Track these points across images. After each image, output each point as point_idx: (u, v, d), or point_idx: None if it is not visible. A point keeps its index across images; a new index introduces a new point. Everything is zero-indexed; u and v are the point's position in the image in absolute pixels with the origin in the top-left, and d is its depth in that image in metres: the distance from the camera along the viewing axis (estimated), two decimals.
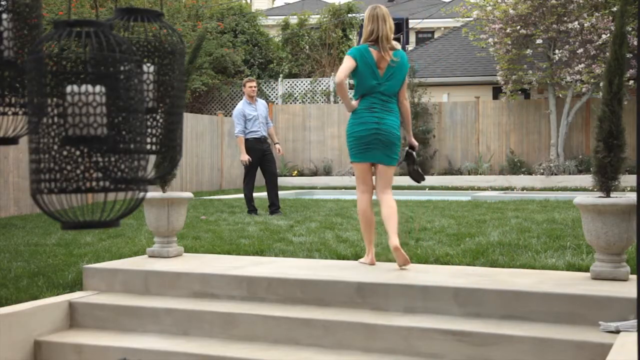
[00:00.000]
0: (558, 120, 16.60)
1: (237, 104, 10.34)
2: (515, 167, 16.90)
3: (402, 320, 4.16)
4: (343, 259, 5.48)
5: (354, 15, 22.97)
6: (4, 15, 1.60)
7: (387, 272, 4.79)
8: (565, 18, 15.52)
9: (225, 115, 18.15)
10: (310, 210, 9.58)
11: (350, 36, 23.29)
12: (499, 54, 16.58)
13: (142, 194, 1.54)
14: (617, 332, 3.70)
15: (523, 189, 15.54)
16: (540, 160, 16.94)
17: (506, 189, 15.69)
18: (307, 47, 22.78)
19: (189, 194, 5.80)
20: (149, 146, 1.68)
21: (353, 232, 6.86)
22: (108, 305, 4.81)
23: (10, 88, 1.64)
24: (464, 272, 4.75)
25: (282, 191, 13.20)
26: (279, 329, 4.33)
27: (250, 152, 9.46)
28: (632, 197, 4.48)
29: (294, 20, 23.87)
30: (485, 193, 13.95)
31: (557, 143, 16.55)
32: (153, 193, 5.65)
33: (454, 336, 3.93)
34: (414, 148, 5.49)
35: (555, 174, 16.00)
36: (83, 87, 1.45)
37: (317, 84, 21.11)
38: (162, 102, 1.70)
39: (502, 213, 8.58)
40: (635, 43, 12.98)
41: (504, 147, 17.73)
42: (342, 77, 5.04)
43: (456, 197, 12.77)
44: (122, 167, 1.50)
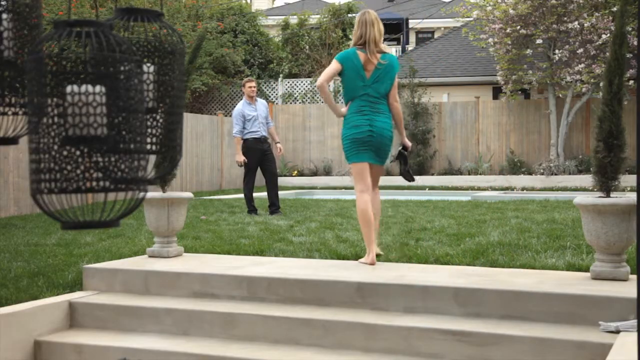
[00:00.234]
0: (558, 120, 16.61)
1: (237, 104, 10.34)
2: (515, 167, 16.90)
3: (402, 320, 4.16)
4: (343, 259, 5.48)
5: (354, 15, 22.98)
6: (4, 15, 1.60)
7: (387, 272, 4.79)
8: (565, 18, 15.52)
9: (225, 115, 18.15)
10: (310, 210, 9.58)
11: (350, 36, 23.29)
12: (499, 54, 16.58)
13: (142, 194, 1.54)
14: (617, 332, 3.70)
15: (523, 189, 15.54)
16: (540, 160, 16.94)
17: (506, 189, 15.69)
18: (307, 47, 22.79)
19: (189, 194, 5.80)
20: (149, 146, 1.68)
21: (353, 232, 6.86)
22: (108, 305, 4.81)
23: (10, 88, 1.64)
24: (464, 272, 4.75)
25: (282, 191, 13.20)
26: (279, 329, 4.33)
27: (250, 152, 9.46)
28: (632, 197, 4.48)
29: (294, 20, 23.88)
30: (485, 193, 13.95)
31: (557, 143, 16.55)
32: (153, 193, 5.65)
33: (454, 336, 3.93)
34: (407, 149, 5.59)
35: (555, 174, 16.00)
36: (83, 87, 1.45)
37: None
38: (162, 102, 1.70)
39: (502, 213, 8.58)
40: (635, 43, 12.98)
41: (504, 147, 17.74)
42: (322, 80, 5.23)
43: (456, 197, 12.77)
44: (122, 167, 1.50)
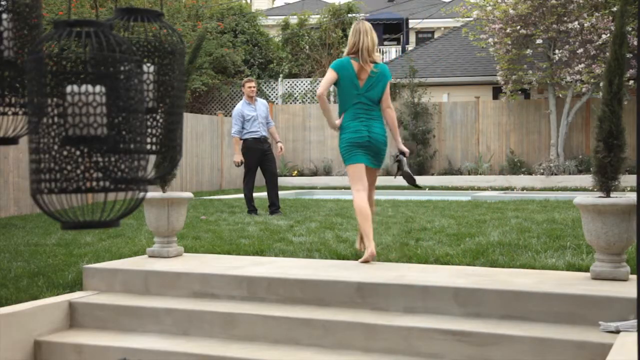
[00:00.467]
0: (558, 120, 16.61)
1: (237, 104, 10.34)
2: (515, 167, 16.90)
3: (402, 320, 4.16)
4: (343, 259, 5.48)
5: (354, 15, 22.98)
6: (4, 15, 1.60)
7: (387, 272, 4.79)
8: (565, 18, 15.52)
9: (225, 115, 18.15)
10: (310, 210, 9.58)
11: None
12: (499, 54, 16.58)
13: (142, 194, 1.54)
14: (617, 332, 3.70)
15: (523, 189, 15.54)
16: (540, 160, 16.94)
17: (506, 189, 15.69)
18: (307, 47, 22.79)
19: (189, 194, 5.80)
20: (149, 146, 1.68)
21: (353, 232, 6.86)
22: (108, 305, 4.81)
23: (10, 88, 1.64)
24: (464, 272, 4.75)
25: (282, 191, 13.20)
26: (279, 329, 4.33)
27: (250, 152, 9.46)
28: (632, 197, 4.48)
29: (294, 20, 23.89)
30: (485, 193, 13.95)
31: (557, 143, 16.55)
32: (153, 193, 5.65)
33: (454, 336, 3.93)
34: (404, 154, 5.72)
35: (555, 174, 16.00)
36: (83, 87, 1.45)
37: (317, 84, 21.11)
38: (162, 102, 1.70)
39: (502, 213, 8.58)
40: (635, 43, 12.99)
41: (504, 147, 17.74)
42: (322, 90, 5.38)
43: (456, 197, 12.77)
44: (122, 167, 1.50)
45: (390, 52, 28.91)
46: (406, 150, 5.72)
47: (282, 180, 16.82)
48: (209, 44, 19.25)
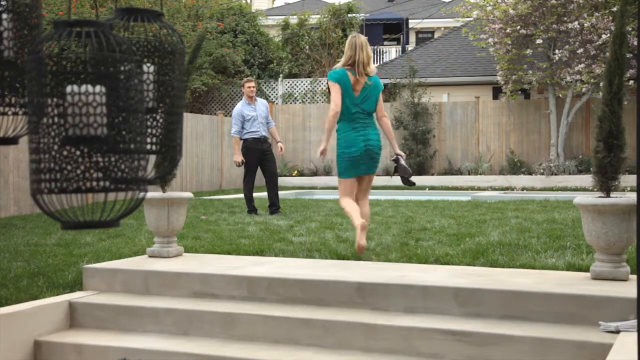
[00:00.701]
0: (558, 120, 16.61)
1: (236, 104, 10.34)
2: (515, 167, 16.90)
3: (402, 320, 4.16)
4: (343, 259, 5.48)
5: (354, 15, 22.98)
6: (4, 15, 1.60)
7: (387, 272, 4.79)
8: (565, 18, 15.52)
9: (225, 115, 18.15)
10: (310, 210, 9.58)
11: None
12: (499, 54, 16.59)
13: (142, 194, 1.54)
14: (617, 332, 3.70)
15: (523, 189, 15.54)
16: (540, 160, 16.94)
17: (506, 189, 15.69)
18: (307, 47, 22.79)
19: (189, 194, 5.80)
20: (149, 146, 1.68)
21: (353, 232, 6.86)
22: (108, 305, 4.81)
23: (10, 88, 1.64)
24: (464, 272, 4.75)
25: (282, 191, 13.20)
26: (279, 329, 4.33)
27: (250, 152, 9.46)
28: (632, 197, 4.48)
29: (294, 20, 23.88)
30: (485, 193, 13.95)
31: (557, 143, 16.55)
32: (153, 193, 5.65)
33: (454, 336, 3.93)
34: (401, 157, 5.96)
35: (555, 174, 16.00)
36: (83, 87, 1.45)
37: (317, 84, 21.12)
38: (162, 102, 1.70)
39: (502, 213, 8.58)
40: (635, 43, 12.99)
41: (504, 147, 17.74)
42: (336, 105, 5.57)
43: (456, 197, 12.77)
44: (122, 167, 1.50)
45: (390, 52, 28.91)
46: (402, 154, 5.97)
47: (282, 180, 16.82)
48: (209, 44, 19.25)
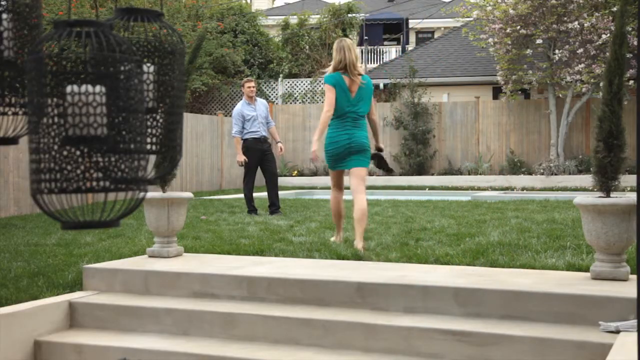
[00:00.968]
0: (558, 120, 16.61)
1: (236, 104, 10.34)
2: (515, 167, 16.90)
3: (402, 320, 4.16)
4: (343, 259, 5.47)
5: (354, 15, 22.99)
6: (4, 15, 1.60)
7: (387, 272, 4.79)
8: (565, 18, 15.53)
9: (225, 115, 18.15)
10: (310, 210, 9.59)
11: (350, 36, 23.30)
12: (499, 54, 16.59)
13: (142, 194, 1.54)
14: (617, 332, 3.70)
15: (523, 189, 15.54)
16: (540, 160, 16.94)
17: (506, 189, 15.69)
18: (307, 47, 22.80)
19: (189, 194, 5.80)
20: (149, 146, 1.68)
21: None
22: (108, 305, 4.81)
23: (10, 88, 1.64)
24: (464, 272, 4.75)
25: (282, 191, 13.20)
26: (279, 329, 4.33)
27: (250, 152, 9.46)
28: (632, 197, 4.48)
29: (294, 20, 23.89)
30: (485, 193, 13.95)
31: (557, 143, 16.55)
32: (153, 193, 5.65)
33: (454, 336, 3.93)
34: (381, 150, 6.50)
35: (555, 174, 16.00)
36: (83, 87, 1.45)
37: (317, 84, 21.12)
38: (162, 102, 1.70)
39: (502, 213, 8.58)
40: (635, 43, 12.99)
41: (504, 147, 17.74)
42: (329, 108, 5.90)
43: (456, 197, 12.77)
44: (122, 167, 1.50)
45: (390, 52, 28.91)
46: (382, 147, 6.52)
47: (282, 180, 16.82)
48: (209, 44, 19.26)
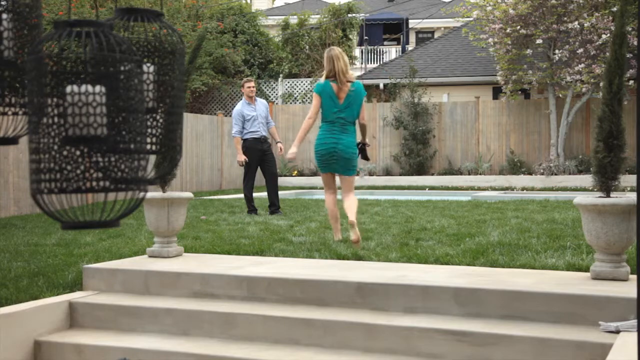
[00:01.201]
0: (558, 120, 16.61)
1: (236, 104, 10.34)
2: (515, 167, 16.90)
3: (402, 320, 4.16)
4: (343, 259, 5.48)
5: (354, 15, 22.99)
6: (4, 15, 1.60)
7: (387, 272, 4.79)
8: (565, 18, 15.53)
9: (225, 115, 18.15)
10: (310, 210, 9.59)
11: (350, 36, 23.30)
12: (499, 54, 16.59)
13: (142, 194, 1.54)
14: (617, 332, 3.70)
15: (523, 189, 15.54)
16: (540, 160, 16.94)
17: (506, 189, 15.69)
18: (307, 47, 22.79)
19: (189, 194, 5.80)
20: (149, 146, 1.68)
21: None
22: (108, 305, 4.81)
23: (10, 88, 1.64)
24: (464, 272, 4.75)
25: (282, 191, 13.20)
26: (279, 329, 4.33)
27: (250, 152, 9.46)
28: (632, 197, 4.48)
29: (294, 20, 23.88)
30: (485, 193, 13.95)
31: (557, 143, 16.55)
32: (153, 193, 5.65)
33: (454, 336, 3.93)
34: (365, 144, 6.67)
35: (555, 174, 16.00)
36: (83, 87, 1.45)
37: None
38: (162, 102, 1.70)
39: (502, 213, 8.58)
40: (635, 43, 12.98)
41: (504, 147, 17.74)
42: (312, 115, 6.31)
43: (456, 197, 12.77)
44: (122, 167, 1.50)
45: (390, 52, 28.92)
46: (368, 142, 6.71)
47: (282, 180, 16.82)
48: (209, 44, 19.25)
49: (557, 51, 15.83)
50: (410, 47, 26.97)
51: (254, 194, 9.78)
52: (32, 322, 4.52)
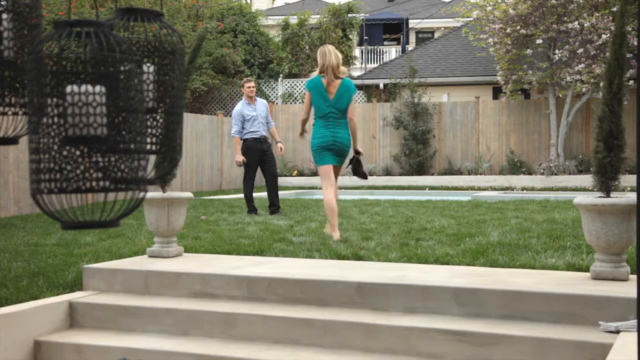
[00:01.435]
0: (558, 120, 16.61)
1: (236, 104, 10.34)
2: (515, 167, 16.90)
3: (402, 320, 4.16)
4: (343, 259, 5.48)
5: (354, 15, 22.98)
6: (4, 15, 1.60)
7: (387, 272, 4.79)
8: (565, 18, 15.53)
9: (225, 115, 18.15)
10: (310, 210, 9.59)
11: (350, 36, 23.30)
12: (499, 54, 16.59)
13: (142, 194, 1.54)
14: (617, 332, 3.70)
15: (523, 189, 15.54)
16: (540, 160, 16.94)
17: (506, 189, 15.69)
18: (307, 47, 22.79)
19: (189, 194, 5.80)
20: (149, 146, 1.68)
21: (353, 232, 6.86)
22: (108, 305, 4.81)
23: (10, 88, 1.64)
24: (464, 272, 4.75)
25: (282, 191, 13.20)
26: (279, 329, 4.33)
27: (250, 152, 9.46)
28: (632, 197, 4.48)
29: (294, 20, 23.88)
30: (485, 193, 13.95)
31: (557, 143, 16.55)
32: (153, 193, 5.65)
33: (454, 336, 3.93)
34: (359, 154, 6.96)
35: (555, 174, 16.00)
36: (83, 87, 1.45)
37: None
38: (162, 102, 1.70)
39: (502, 213, 8.58)
40: (635, 43, 12.98)
41: (504, 147, 17.74)
42: (305, 114, 6.77)
43: (456, 197, 12.77)
44: (122, 167, 1.50)
45: (390, 52, 28.92)
46: (361, 150, 6.96)
47: (282, 180, 16.82)
48: (209, 44, 19.25)
49: (557, 51, 15.83)
50: (410, 47, 26.98)
51: (254, 194, 9.78)
52: (32, 322, 4.52)
